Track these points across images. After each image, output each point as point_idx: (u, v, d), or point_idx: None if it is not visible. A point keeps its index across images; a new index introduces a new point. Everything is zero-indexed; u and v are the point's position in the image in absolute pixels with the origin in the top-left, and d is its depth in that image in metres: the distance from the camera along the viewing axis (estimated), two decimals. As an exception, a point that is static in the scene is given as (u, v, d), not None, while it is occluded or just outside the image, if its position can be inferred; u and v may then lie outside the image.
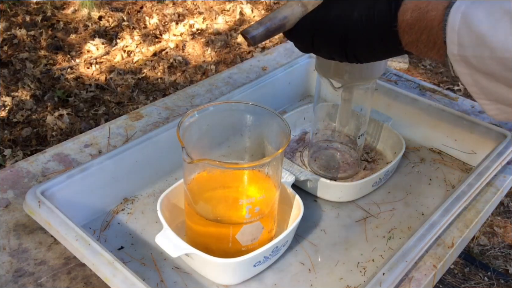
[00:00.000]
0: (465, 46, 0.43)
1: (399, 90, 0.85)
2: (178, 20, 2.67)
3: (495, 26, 0.41)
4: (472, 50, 0.43)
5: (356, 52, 0.52)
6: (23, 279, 0.58)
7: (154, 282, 0.59)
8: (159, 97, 2.16)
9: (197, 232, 0.60)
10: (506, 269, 1.55)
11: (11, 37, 2.44)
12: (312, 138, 0.77)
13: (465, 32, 0.43)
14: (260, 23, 0.53)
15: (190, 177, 0.59)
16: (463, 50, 0.44)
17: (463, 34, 0.43)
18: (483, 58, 0.43)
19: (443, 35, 0.45)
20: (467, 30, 0.43)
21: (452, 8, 0.44)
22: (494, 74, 0.43)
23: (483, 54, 0.43)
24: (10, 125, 1.96)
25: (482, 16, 0.42)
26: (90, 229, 0.66)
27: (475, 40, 0.42)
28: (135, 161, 0.70)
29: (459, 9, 0.43)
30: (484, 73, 0.44)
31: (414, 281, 0.58)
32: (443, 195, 0.74)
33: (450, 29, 0.44)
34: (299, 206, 0.63)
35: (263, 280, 0.60)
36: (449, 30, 0.44)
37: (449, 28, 0.44)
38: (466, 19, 0.43)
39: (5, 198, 0.69)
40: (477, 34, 0.42)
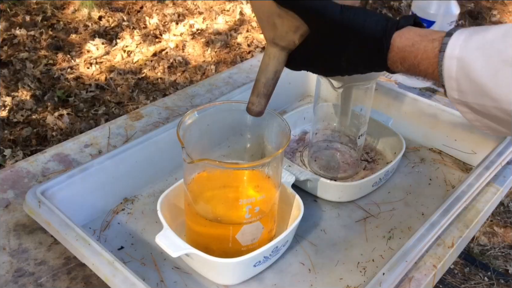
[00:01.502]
0: (466, 93, 0.42)
1: (399, 90, 0.85)
2: (178, 20, 2.67)
3: (496, 76, 0.39)
4: (474, 98, 0.42)
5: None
6: (23, 279, 0.58)
7: (154, 282, 0.59)
8: (159, 97, 2.16)
9: (197, 232, 0.60)
10: (506, 269, 1.55)
11: (11, 37, 2.44)
12: (312, 138, 0.77)
13: (464, 80, 0.41)
14: (257, 94, 0.52)
15: (190, 177, 0.59)
16: (465, 97, 0.42)
17: (462, 82, 0.42)
18: (487, 107, 0.41)
19: (440, 79, 0.43)
20: (466, 79, 0.41)
21: (446, 53, 0.42)
22: (498, 118, 0.42)
23: (486, 103, 0.41)
24: (10, 125, 1.96)
25: (481, 66, 0.40)
26: (90, 229, 0.66)
27: (476, 89, 0.41)
28: (135, 161, 0.70)
29: (453, 54, 0.42)
30: (488, 115, 0.43)
31: (414, 281, 0.58)
32: (443, 195, 0.74)
33: (447, 76, 0.43)
34: (299, 206, 0.63)
35: (263, 280, 0.60)
36: (446, 76, 0.43)
37: (446, 74, 0.43)
38: (463, 67, 0.41)
39: (5, 198, 0.69)
40: (477, 83, 0.41)
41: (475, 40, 0.41)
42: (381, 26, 0.46)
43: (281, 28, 0.49)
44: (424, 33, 0.45)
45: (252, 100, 0.52)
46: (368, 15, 0.47)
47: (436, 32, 0.44)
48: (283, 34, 0.49)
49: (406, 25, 0.46)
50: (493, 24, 2.89)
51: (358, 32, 0.46)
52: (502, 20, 2.95)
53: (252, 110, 0.52)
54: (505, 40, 0.39)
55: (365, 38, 0.47)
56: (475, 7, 2.99)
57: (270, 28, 0.50)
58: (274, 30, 0.49)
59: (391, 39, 0.46)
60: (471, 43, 0.41)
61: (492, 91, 0.40)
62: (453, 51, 0.42)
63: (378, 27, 0.46)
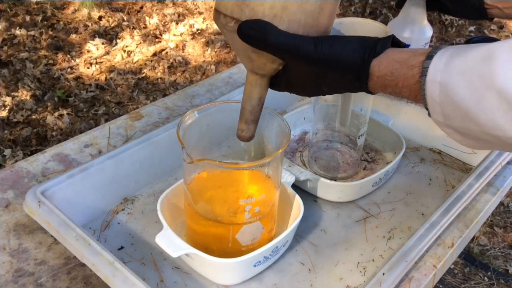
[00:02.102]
0: (450, 117, 0.41)
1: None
2: (178, 20, 2.67)
3: (480, 102, 0.38)
4: (459, 122, 0.41)
5: None
6: (23, 279, 0.58)
7: (154, 282, 0.59)
8: (159, 97, 2.16)
9: (197, 232, 0.60)
10: (506, 269, 1.56)
11: (11, 37, 2.44)
12: (312, 138, 0.77)
13: (448, 104, 0.41)
14: (245, 121, 0.52)
15: (190, 177, 0.59)
16: (449, 120, 0.42)
17: (446, 107, 0.41)
18: (472, 130, 0.41)
19: (424, 103, 0.43)
20: (450, 103, 0.40)
21: (428, 78, 0.41)
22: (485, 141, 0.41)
23: (472, 127, 0.40)
24: (10, 125, 1.96)
25: (464, 91, 0.39)
26: (90, 229, 0.66)
27: (461, 114, 0.40)
28: (135, 161, 0.70)
29: (435, 79, 0.41)
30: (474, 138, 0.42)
31: (414, 281, 0.58)
32: (443, 195, 0.74)
33: (430, 100, 0.42)
34: (299, 206, 0.63)
35: (263, 280, 0.60)
36: (429, 100, 0.42)
37: (429, 98, 0.42)
38: (447, 93, 0.40)
39: (5, 198, 0.69)
40: (461, 108, 0.40)
41: (457, 63, 0.40)
42: (358, 56, 0.45)
43: (258, 61, 0.48)
44: (403, 58, 0.44)
45: (241, 127, 0.53)
46: (344, 45, 0.45)
47: (415, 56, 0.43)
48: (261, 65, 0.49)
49: (384, 49, 0.45)
50: (493, 24, 2.89)
51: (335, 64, 0.45)
52: (502, 20, 2.96)
53: (243, 137, 0.53)
54: (487, 62, 0.38)
55: (343, 69, 0.46)
56: (475, 7, 2.99)
57: (247, 61, 0.49)
58: (251, 62, 0.49)
59: (370, 68, 0.45)
60: (452, 67, 0.40)
61: (477, 116, 0.39)
62: (434, 76, 0.41)
63: (355, 57, 0.45)
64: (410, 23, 0.86)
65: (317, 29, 0.46)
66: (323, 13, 0.45)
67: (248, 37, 0.45)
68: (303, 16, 0.44)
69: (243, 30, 0.45)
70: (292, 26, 0.44)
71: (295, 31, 0.45)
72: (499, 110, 0.38)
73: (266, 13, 0.43)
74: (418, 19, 0.86)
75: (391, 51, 0.45)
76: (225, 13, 0.45)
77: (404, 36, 0.87)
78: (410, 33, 0.86)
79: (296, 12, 0.43)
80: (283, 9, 0.43)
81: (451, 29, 2.83)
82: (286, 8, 0.43)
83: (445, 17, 2.84)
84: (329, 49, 0.45)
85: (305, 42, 0.45)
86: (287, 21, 0.44)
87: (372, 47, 0.45)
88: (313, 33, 0.46)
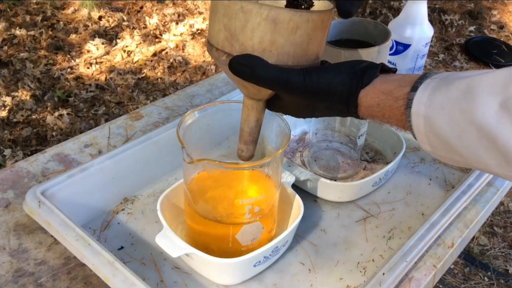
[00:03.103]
0: (437, 148, 0.42)
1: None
2: (178, 20, 2.67)
3: (461, 137, 0.39)
4: (445, 153, 0.42)
5: None
6: (23, 279, 0.58)
7: (154, 282, 0.59)
8: (159, 97, 2.16)
9: (197, 232, 0.60)
10: (506, 269, 1.56)
11: (11, 37, 2.44)
12: (312, 138, 0.77)
13: (433, 137, 0.41)
14: (244, 142, 0.54)
15: (190, 177, 0.59)
16: (436, 151, 0.43)
17: (432, 139, 0.42)
18: (459, 161, 0.42)
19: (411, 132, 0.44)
20: (434, 136, 0.41)
21: (412, 110, 0.42)
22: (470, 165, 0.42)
23: (456, 158, 0.41)
24: (10, 125, 1.96)
25: (446, 125, 0.40)
26: (90, 229, 0.66)
27: (446, 147, 0.41)
28: (135, 161, 0.70)
29: (419, 112, 0.41)
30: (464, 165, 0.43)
31: (414, 281, 0.58)
32: (443, 195, 0.74)
33: (417, 131, 0.42)
34: (299, 206, 0.63)
35: (263, 280, 0.60)
36: (416, 132, 0.43)
37: (415, 130, 0.43)
38: (430, 126, 0.41)
39: (5, 198, 0.69)
40: (445, 141, 0.40)
41: (439, 97, 0.40)
42: (346, 88, 0.45)
43: (252, 88, 0.49)
44: (389, 89, 0.44)
45: (241, 147, 0.54)
46: (333, 76, 0.46)
47: (401, 87, 0.43)
48: (256, 92, 0.50)
49: (371, 80, 0.45)
50: (493, 24, 2.89)
51: (324, 95, 0.46)
52: (502, 20, 2.96)
53: (243, 157, 0.54)
54: (467, 97, 0.38)
55: (332, 100, 0.46)
56: (475, 7, 2.99)
57: (242, 88, 0.50)
58: (246, 89, 0.50)
59: (358, 98, 0.45)
60: (435, 101, 0.40)
61: (460, 150, 0.40)
62: (418, 109, 0.41)
63: (343, 89, 0.45)
64: (410, 23, 0.86)
65: (307, 58, 0.47)
66: (312, 42, 0.45)
67: (239, 72, 0.46)
68: (291, 48, 0.44)
69: (233, 65, 0.46)
70: (282, 59, 0.45)
71: (285, 63, 0.46)
72: (480, 146, 0.38)
73: (255, 47, 0.44)
74: (419, 19, 0.86)
75: (378, 80, 0.45)
76: (216, 47, 0.46)
77: (405, 36, 0.87)
78: (410, 33, 0.86)
79: (284, 45, 0.44)
80: (272, 43, 0.44)
81: (451, 29, 2.83)
82: (275, 42, 0.44)
83: (445, 17, 2.84)
84: (318, 81, 0.46)
85: (293, 75, 0.46)
86: (276, 54, 0.44)
87: (359, 77, 0.45)
88: (304, 61, 0.47)
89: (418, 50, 0.88)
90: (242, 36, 0.43)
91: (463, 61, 2.62)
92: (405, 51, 0.88)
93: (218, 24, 0.45)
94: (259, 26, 0.42)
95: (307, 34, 0.44)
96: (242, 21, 0.42)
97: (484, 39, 2.76)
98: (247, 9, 0.42)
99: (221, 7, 0.44)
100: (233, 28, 0.43)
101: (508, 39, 2.79)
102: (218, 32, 0.45)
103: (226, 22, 0.44)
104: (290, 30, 0.43)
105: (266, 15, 0.42)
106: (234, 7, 0.42)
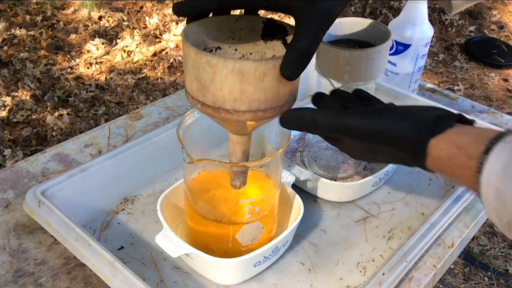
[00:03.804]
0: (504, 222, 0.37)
1: (399, 90, 0.85)
2: (178, 20, 2.67)
3: None
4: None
5: None
6: (23, 279, 0.58)
7: (154, 282, 0.59)
8: (159, 97, 2.16)
9: (197, 232, 0.60)
10: (506, 269, 1.56)
11: (11, 37, 2.45)
12: (312, 138, 0.77)
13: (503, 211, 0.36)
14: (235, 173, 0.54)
15: (190, 177, 0.59)
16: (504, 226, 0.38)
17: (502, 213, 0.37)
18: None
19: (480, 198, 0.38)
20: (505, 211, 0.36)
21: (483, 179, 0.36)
22: None
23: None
24: (10, 125, 1.96)
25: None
26: (90, 229, 0.66)
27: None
28: (135, 161, 0.70)
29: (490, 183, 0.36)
30: None
31: (414, 281, 0.58)
32: (443, 195, 0.74)
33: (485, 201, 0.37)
34: (299, 206, 0.63)
35: (263, 280, 0.60)
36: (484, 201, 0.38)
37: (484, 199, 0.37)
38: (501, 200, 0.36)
39: (5, 198, 0.69)
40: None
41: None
42: (414, 134, 0.41)
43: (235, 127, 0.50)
44: (463, 144, 0.39)
45: (232, 177, 0.55)
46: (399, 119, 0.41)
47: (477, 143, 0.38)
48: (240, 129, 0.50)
49: (446, 129, 0.40)
50: (493, 24, 2.89)
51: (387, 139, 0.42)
52: (502, 20, 2.96)
53: (235, 186, 0.55)
54: None
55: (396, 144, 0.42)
56: (475, 7, 2.99)
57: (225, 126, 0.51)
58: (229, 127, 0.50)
59: (427, 148, 0.40)
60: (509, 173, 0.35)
61: None
62: (489, 179, 0.36)
63: (411, 134, 0.41)
64: (411, 23, 0.86)
65: (279, 99, 0.46)
66: (282, 84, 0.45)
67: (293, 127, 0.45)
68: (262, 94, 0.45)
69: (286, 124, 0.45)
70: (254, 105, 0.45)
71: (257, 108, 0.45)
72: None
73: (226, 97, 0.44)
74: (419, 19, 0.86)
75: (452, 131, 0.40)
76: (191, 95, 0.47)
77: (405, 36, 0.87)
78: (411, 33, 0.86)
79: (254, 93, 0.44)
80: (242, 93, 0.44)
81: (451, 29, 2.83)
82: (244, 91, 0.44)
83: (445, 17, 2.84)
84: (379, 123, 0.42)
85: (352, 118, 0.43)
86: (247, 102, 0.45)
87: (432, 124, 0.40)
88: (277, 103, 0.46)
89: (418, 50, 0.88)
90: (212, 87, 0.44)
91: (463, 61, 2.62)
92: (405, 51, 0.88)
93: (190, 75, 0.46)
94: (226, 78, 0.43)
95: (276, 79, 0.44)
96: (210, 74, 0.43)
97: (484, 39, 2.76)
98: (212, 63, 0.43)
99: (190, 59, 0.45)
100: (203, 80, 0.44)
101: (508, 39, 2.79)
102: (191, 82, 0.46)
103: (196, 73, 0.45)
104: (257, 78, 0.43)
105: (232, 68, 0.42)
106: (201, 61, 0.43)
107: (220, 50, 0.51)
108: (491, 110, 0.92)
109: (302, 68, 0.43)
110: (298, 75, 0.43)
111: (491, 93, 2.39)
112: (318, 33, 0.42)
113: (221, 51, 0.51)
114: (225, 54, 0.52)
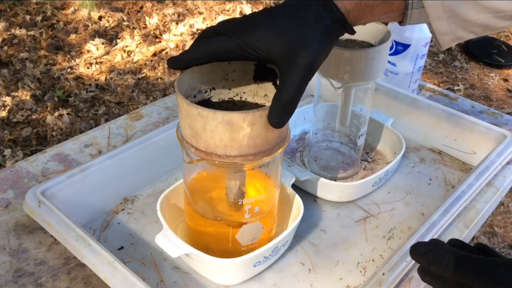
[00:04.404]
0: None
1: (399, 90, 0.85)
2: (178, 20, 2.67)
3: None
4: None
5: None
6: (23, 279, 0.58)
7: (154, 282, 0.59)
8: (159, 97, 2.16)
9: (197, 232, 0.60)
10: (506, 269, 1.55)
11: (11, 37, 2.44)
12: (312, 138, 0.77)
13: None
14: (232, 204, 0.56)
15: (190, 177, 0.59)
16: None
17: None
18: None
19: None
20: None
21: None
22: None
23: None
24: (10, 125, 1.96)
25: None
26: (90, 229, 0.66)
27: None
28: (135, 161, 0.70)
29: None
30: None
31: (414, 281, 0.58)
32: (443, 195, 0.74)
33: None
34: (299, 206, 0.63)
35: (263, 280, 0.60)
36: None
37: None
38: None
39: (5, 198, 0.69)
40: None
41: None
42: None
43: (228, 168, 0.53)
44: None
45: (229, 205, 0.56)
46: None
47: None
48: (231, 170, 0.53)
49: None
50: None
51: None
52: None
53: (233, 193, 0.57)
54: None
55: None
56: (475, 7, 2.99)
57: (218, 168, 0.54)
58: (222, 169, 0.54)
59: None
60: None
61: None
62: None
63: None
64: (410, 23, 0.86)
65: (268, 144, 0.49)
66: (270, 131, 0.48)
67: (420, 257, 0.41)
68: (251, 141, 0.47)
69: None
70: (243, 150, 0.48)
71: (247, 153, 0.48)
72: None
73: (217, 144, 0.47)
74: (418, 19, 0.86)
75: None
76: (186, 140, 0.50)
77: (405, 36, 0.87)
78: (410, 33, 0.86)
79: (243, 140, 0.47)
80: (232, 140, 0.47)
81: (451, 29, 2.82)
82: (234, 139, 0.47)
83: (445, 17, 2.84)
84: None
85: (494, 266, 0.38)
86: (237, 148, 0.47)
87: None
88: (266, 147, 0.49)
89: (418, 50, 0.88)
90: (204, 135, 0.47)
91: (463, 61, 2.62)
92: (405, 51, 0.88)
93: (184, 122, 0.49)
94: (216, 128, 0.46)
95: (264, 126, 0.47)
96: (201, 123, 0.46)
97: (484, 39, 2.76)
98: (203, 114, 0.46)
99: (183, 109, 0.48)
100: (196, 128, 0.47)
101: (508, 39, 2.79)
102: (184, 128, 0.49)
103: (189, 122, 0.48)
104: (246, 127, 0.46)
105: (221, 119, 0.45)
106: (193, 112, 0.46)
107: (214, 91, 0.54)
108: (491, 110, 0.92)
109: (288, 117, 0.47)
110: (284, 123, 0.47)
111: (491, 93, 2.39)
112: (300, 85, 0.45)
113: (215, 91, 0.54)
114: (220, 94, 0.55)
